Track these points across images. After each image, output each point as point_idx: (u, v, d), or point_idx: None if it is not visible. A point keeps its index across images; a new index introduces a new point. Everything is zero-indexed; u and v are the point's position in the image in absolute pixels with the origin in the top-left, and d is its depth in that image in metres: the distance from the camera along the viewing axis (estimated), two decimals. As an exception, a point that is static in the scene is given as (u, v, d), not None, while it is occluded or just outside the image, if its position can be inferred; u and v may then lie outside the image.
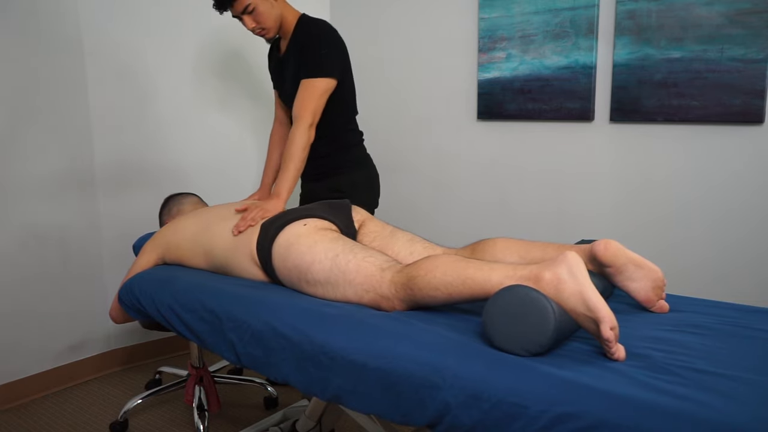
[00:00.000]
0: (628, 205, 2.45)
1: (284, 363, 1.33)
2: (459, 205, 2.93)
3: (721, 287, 2.27)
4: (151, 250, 1.85)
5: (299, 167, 1.94)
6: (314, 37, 2.05)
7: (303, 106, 1.97)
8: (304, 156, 1.95)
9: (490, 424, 1.04)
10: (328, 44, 2.05)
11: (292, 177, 1.92)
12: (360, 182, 2.23)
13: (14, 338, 2.42)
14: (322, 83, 1.99)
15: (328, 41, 2.06)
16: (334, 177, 2.20)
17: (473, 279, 1.25)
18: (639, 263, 1.40)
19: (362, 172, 2.25)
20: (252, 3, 2.03)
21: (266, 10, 2.05)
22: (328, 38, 2.06)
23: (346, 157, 2.22)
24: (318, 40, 2.04)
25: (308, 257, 1.49)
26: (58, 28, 2.43)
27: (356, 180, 2.22)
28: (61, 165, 2.48)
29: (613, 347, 1.10)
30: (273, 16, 2.07)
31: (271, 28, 2.09)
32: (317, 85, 1.99)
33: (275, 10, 2.08)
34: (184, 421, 2.26)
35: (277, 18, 2.08)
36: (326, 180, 2.20)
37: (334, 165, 2.20)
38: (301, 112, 1.97)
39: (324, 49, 2.03)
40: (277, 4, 2.09)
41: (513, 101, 2.65)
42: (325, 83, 2.00)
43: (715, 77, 2.17)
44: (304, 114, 1.96)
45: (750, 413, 0.91)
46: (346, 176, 2.21)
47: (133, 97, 2.66)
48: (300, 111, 1.97)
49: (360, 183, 2.23)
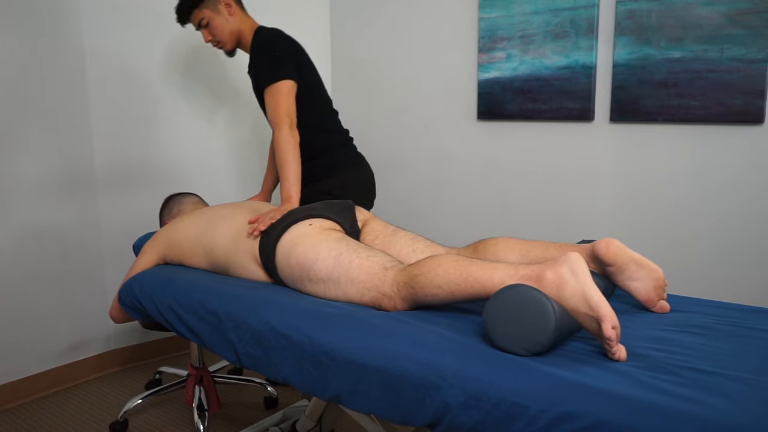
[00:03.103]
0: (628, 205, 2.45)
1: (284, 363, 1.33)
2: (459, 205, 2.93)
3: (722, 287, 2.27)
4: (151, 250, 1.85)
5: (296, 169, 1.94)
6: (261, 47, 2.09)
7: (274, 112, 1.98)
8: (297, 156, 1.95)
9: (490, 424, 1.03)
10: (276, 49, 2.07)
11: (294, 180, 1.92)
12: (351, 183, 2.22)
13: (14, 338, 2.42)
14: (282, 85, 2.00)
15: (276, 47, 2.08)
16: (324, 179, 2.19)
17: (475, 278, 1.25)
18: (640, 263, 1.40)
19: (352, 173, 2.25)
20: (206, 17, 2.12)
21: (220, 24, 2.13)
22: (275, 44, 2.09)
23: (334, 159, 2.22)
24: (265, 48, 2.08)
25: (312, 255, 1.49)
26: (59, 28, 2.42)
27: (346, 181, 2.21)
28: (61, 164, 2.48)
29: (615, 347, 1.10)
30: (227, 30, 2.14)
31: (226, 41, 2.16)
32: (278, 87, 2.00)
33: (230, 25, 2.14)
34: (184, 421, 2.26)
35: (233, 32, 2.15)
36: (316, 183, 2.19)
37: (322, 167, 2.19)
38: (275, 118, 1.98)
39: (273, 54, 2.05)
40: (233, 18, 2.15)
41: (513, 101, 2.65)
42: (286, 85, 2.01)
43: (715, 77, 2.17)
44: (278, 118, 1.97)
45: (751, 413, 0.91)
46: (336, 178, 2.20)
47: (133, 96, 2.66)
48: (273, 117, 1.98)
49: (351, 184, 2.22)
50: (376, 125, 3.17)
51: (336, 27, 3.27)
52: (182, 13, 2.16)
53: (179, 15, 2.16)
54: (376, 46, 3.11)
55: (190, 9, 2.13)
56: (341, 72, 3.29)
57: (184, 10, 2.14)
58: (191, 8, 2.13)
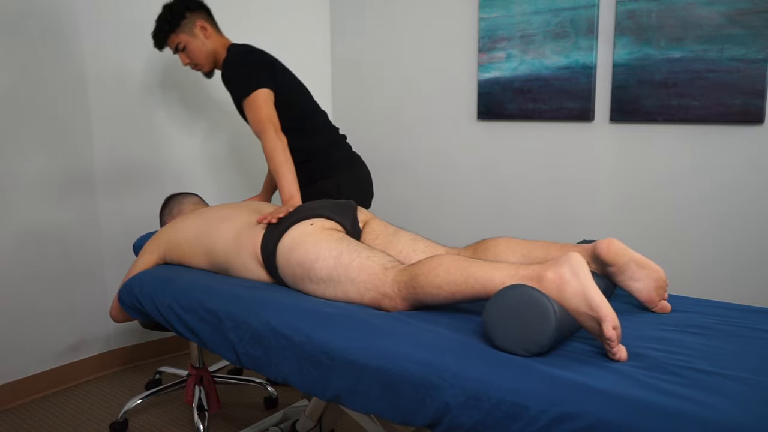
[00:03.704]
0: (628, 205, 2.45)
1: (284, 363, 1.33)
2: (458, 205, 2.93)
3: (722, 287, 2.27)
4: (151, 250, 1.85)
5: (290, 168, 1.92)
6: (232, 63, 2.10)
7: (256, 121, 1.98)
8: (288, 157, 1.94)
9: (490, 424, 1.03)
10: (245, 63, 2.08)
11: (291, 179, 1.91)
12: (346, 183, 2.22)
13: (14, 338, 2.42)
14: (258, 95, 2.00)
15: (245, 60, 2.09)
16: (319, 181, 2.19)
17: (476, 278, 1.25)
18: (641, 263, 1.40)
19: (347, 173, 2.24)
20: (182, 41, 2.14)
21: (197, 48, 2.15)
22: (244, 58, 2.10)
23: (327, 160, 2.21)
24: (235, 64, 2.09)
25: (312, 255, 1.49)
26: (59, 28, 2.42)
27: (341, 181, 2.21)
28: (61, 164, 2.48)
29: (615, 347, 1.10)
30: (204, 53, 2.16)
31: (203, 63, 2.18)
32: (254, 97, 2.00)
33: (206, 47, 2.16)
34: (184, 421, 2.26)
35: (209, 53, 2.17)
36: (311, 186, 2.19)
37: (316, 170, 2.19)
38: (258, 126, 1.98)
39: (244, 68, 2.07)
40: (209, 41, 2.16)
41: (513, 101, 2.65)
42: (262, 93, 2.01)
43: (715, 77, 2.17)
44: (261, 125, 1.97)
45: (751, 413, 0.91)
46: (331, 180, 2.20)
47: (134, 96, 2.66)
48: (256, 125, 1.98)
49: (346, 184, 2.22)
50: (375, 125, 3.17)
51: (336, 27, 3.27)
52: (159, 38, 2.16)
53: (156, 40, 2.17)
54: (376, 46, 3.11)
55: (167, 34, 2.14)
56: (341, 72, 3.29)
57: (161, 35, 2.15)
58: (168, 33, 2.14)
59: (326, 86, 3.32)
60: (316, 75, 3.28)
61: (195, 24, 2.14)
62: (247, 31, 2.96)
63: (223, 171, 2.98)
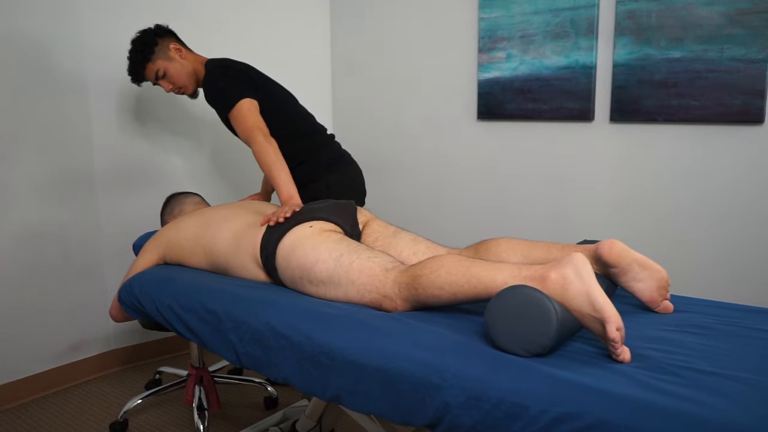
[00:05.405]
0: (628, 205, 2.45)
1: (284, 363, 1.33)
2: (458, 206, 2.93)
3: (722, 287, 2.27)
4: (151, 250, 1.85)
5: (284, 169, 1.91)
6: (210, 82, 2.09)
7: (244, 129, 1.97)
8: (281, 159, 1.93)
9: (490, 425, 1.03)
10: (223, 77, 2.07)
11: (287, 179, 1.90)
12: (336, 184, 2.21)
13: (14, 338, 2.41)
14: (241, 105, 1.99)
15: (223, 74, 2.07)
16: (310, 185, 2.18)
17: (478, 278, 1.25)
18: (644, 264, 1.40)
19: (337, 174, 2.24)
20: (161, 68, 2.10)
21: (177, 70, 2.12)
22: (222, 72, 2.08)
23: (318, 163, 2.21)
24: (213, 82, 2.07)
25: (312, 257, 1.49)
26: (59, 28, 2.42)
27: (331, 182, 2.21)
28: (62, 163, 2.48)
29: (619, 348, 1.10)
30: (185, 74, 2.13)
31: (187, 85, 2.16)
32: (238, 108, 1.99)
33: (185, 68, 2.13)
34: (184, 421, 2.26)
35: (190, 74, 2.14)
36: (301, 190, 2.17)
37: (305, 173, 2.18)
38: (246, 134, 1.97)
39: (220, 84, 2.05)
40: (186, 60, 2.14)
41: (513, 101, 2.65)
42: (245, 103, 2.00)
43: (715, 77, 2.17)
44: (249, 132, 1.96)
45: (750, 413, 0.91)
46: (321, 182, 2.19)
47: (134, 95, 2.66)
48: (244, 134, 1.97)
49: (336, 184, 2.21)
50: (375, 125, 3.17)
51: (336, 27, 3.27)
52: (136, 71, 2.11)
53: (133, 75, 2.12)
54: (376, 46, 3.11)
55: (143, 64, 2.09)
56: (341, 72, 3.29)
57: (138, 68, 2.10)
58: (144, 63, 2.09)
59: (326, 86, 3.32)
60: (316, 75, 3.28)
61: (168, 47, 2.11)
62: (247, 31, 2.96)
63: (223, 170, 2.98)
